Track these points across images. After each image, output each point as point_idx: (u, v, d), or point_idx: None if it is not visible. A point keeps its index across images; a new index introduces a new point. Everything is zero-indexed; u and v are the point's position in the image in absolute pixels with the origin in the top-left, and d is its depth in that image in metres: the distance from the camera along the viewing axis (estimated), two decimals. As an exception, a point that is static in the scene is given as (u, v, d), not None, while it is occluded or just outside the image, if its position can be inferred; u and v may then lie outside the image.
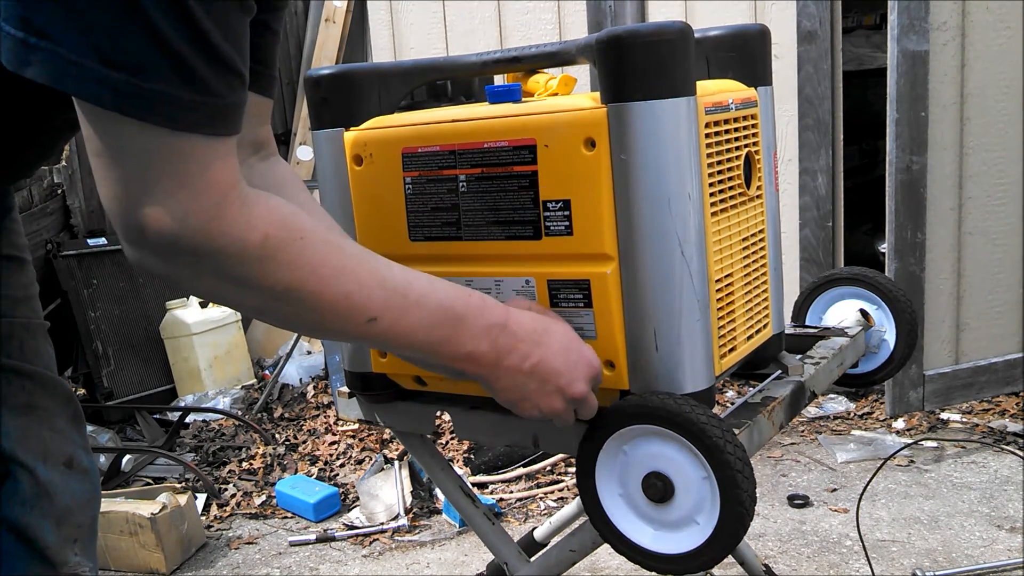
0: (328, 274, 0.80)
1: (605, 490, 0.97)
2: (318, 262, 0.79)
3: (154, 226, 0.72)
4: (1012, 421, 2.89)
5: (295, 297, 0.79)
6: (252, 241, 0.75)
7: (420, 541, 2.48)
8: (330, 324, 0.83)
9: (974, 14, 2.82)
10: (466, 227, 1.06)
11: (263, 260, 0.76)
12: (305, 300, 0.79)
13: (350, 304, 0.81)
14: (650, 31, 0.92)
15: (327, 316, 0.81)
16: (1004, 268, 3.01)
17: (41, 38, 0.67)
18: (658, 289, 0.96)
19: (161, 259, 0.75)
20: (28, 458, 1.15)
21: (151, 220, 0.72)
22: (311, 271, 0.79)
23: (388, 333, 0.85)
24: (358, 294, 0.82)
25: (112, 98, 0.68)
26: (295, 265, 0.78)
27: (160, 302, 3.66)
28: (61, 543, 1.16)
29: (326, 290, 0.80)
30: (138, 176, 0.71)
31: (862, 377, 1.41)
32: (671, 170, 0.94)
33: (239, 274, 0.76)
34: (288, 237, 0.77)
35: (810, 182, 3.04)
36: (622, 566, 2.20)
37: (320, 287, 0.79)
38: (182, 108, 0.70)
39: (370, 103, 1.12)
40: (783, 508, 2.50)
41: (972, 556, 2.18)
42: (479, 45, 3.37)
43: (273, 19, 1.02)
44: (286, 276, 0.77)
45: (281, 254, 0.77)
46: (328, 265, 0.80)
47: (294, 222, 0.79)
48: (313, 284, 0.79)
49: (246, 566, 2.44)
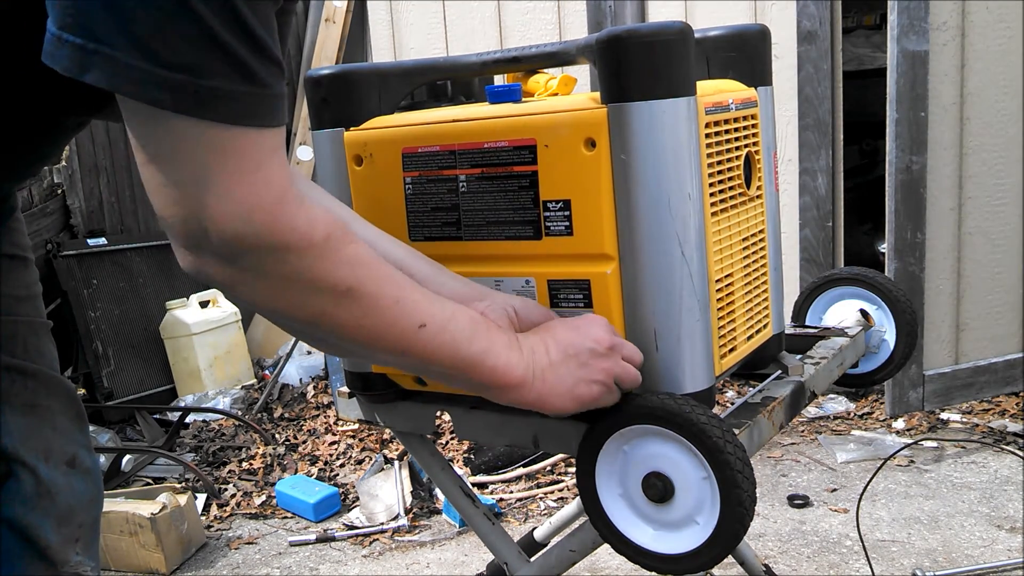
0: (383, 275, 0.81)
1: (605, 490, 0.97)
2: (372, 263, 0.81)
3: (219, 225, 0.72)
4: (1012, 421, 2.89)
5: (356, 297, 0.79)
6: (316, 238, 0.76)
7: (420, 541, 2.48)
8: (386, 332, 0.83)
9: (974, 14, 2.82)
10: (466, 227, 1.06)
11: (325, 257, 0.77)
12: (366, 300, 0.80)
13: (402, 309, 0.82)
14: (650, 31, 0.92)
15: (384, 320, 0.82)
16: (1004, 268, 3.01)
17: (99, 43, 0.67)
18: (658, 289, 0.96)
19: (225, 262, 0.74)
20: (30, 457, 1.15)
21: (216, 219, 0.72)
22: (368, 271, 0.80)
23: (431, 343, 0.85)
24: (407, 298, 0.83)
25: (172, 98, 0.68)
26: (356, 264, 0.79)
27: (160, 302, 3.66)
28: (63, 543, 1.16)
29: (383, 292, 0.81)
30: (198, 177, 0.71)
31: (862, 377, 1.41)
32: (671, 170, 0.94)
33: (303, 272, 0.77)
34: (346, 237, 0.79)
35: (810, 182, 3.04)
36: (622, 566, 2.20)
37: (378, 288, 0.80)
38: (239, 102, 0.70)
39: (370, 103, 1.12)
40: (783, 508, 2.50)
41: (972, 556, 2.18)
42: (479, 45, 3.37)
43: (288, 4, 1.02)
44: (348, 274, 0.78)
45: (343, 252, 0.78)
46: (380, 267, 0.82)
47: (349, 223, 0.81)
48: (372, 285, 0.80)
49: (246, 566, 2.44)
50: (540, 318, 0.98)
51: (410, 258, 1.01)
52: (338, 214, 0.80)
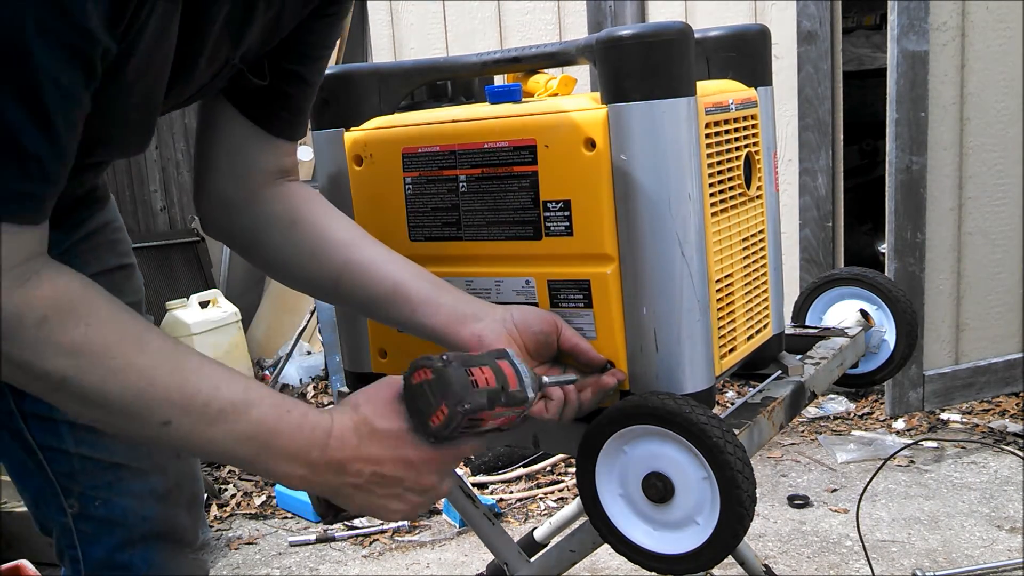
0: (115, 367, 0.74)
1: (605, 490, 0.97)
2: (104, 352, 0.73)
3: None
4: (1012, 421, 2.89)
5: (74, 389, 0.73)
6: (28, 322, 0.70)
7: (420, 541, 2.48)
8: (116, 423, 0.77)
9: (974, 14, 2.82)
10: (466, 227, 1.06)
11: (39, 343, 0.71)
12: (87, 394, 0.73)
13: (141, 404, 0.75)
14: (650, 31, 0.92)
15: (113, 414, 0.75)
16: (1004, 268, 3.01)
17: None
18: (658, 289, 0.96)
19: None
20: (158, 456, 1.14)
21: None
22: (94, 361, 0.73)
23: (186, 441, 0.78)
24: (151, 393, 0.75)
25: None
26: (76, 353, 0.72)
27: (160, 302, 3.66)
28: (193, 524, 1.16)
29: (111, 385, 0.74)
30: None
31: (862, 377, 1.41)
32: (671, 170, 0.94)
33: (12, 355, 0.71)
34: (70, 322, 0.72)
35: (810, 182, 3.04)
36: (622, 566, 2.20)
37: (104, 381, 0.73)
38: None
39: (370, 103, 1.12)
40: (783, 508, 2.50)
41: (972, 556, 2.18)
42: (479, 45, 3.37)
43: (309, 71, 1.00)
44: (64, 364, 0.72)
45: (59, 338, 0.71)
46: (118, 357, 0.74)
47: (83, 307, 0.73)
48: (96, 376, 0.73)
49: (246, 566, 2.44)
50: (540, 326, 0.98)
51: (412, 279, 0.99)
52: (76, 298, 0.73)
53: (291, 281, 1.06)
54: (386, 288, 0.99)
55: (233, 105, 0.99)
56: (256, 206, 1.02)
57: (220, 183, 1.02)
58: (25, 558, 2.16)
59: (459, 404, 0.79)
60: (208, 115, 1.01)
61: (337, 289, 1.02)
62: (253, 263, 1.08)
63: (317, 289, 1.06)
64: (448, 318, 0.97)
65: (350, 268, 1.00)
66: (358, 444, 0.82)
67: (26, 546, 2.28)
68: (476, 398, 0.80)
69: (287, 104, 1.00)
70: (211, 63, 0.88)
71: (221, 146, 1.01)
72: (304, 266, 1.02)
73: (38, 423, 1.05)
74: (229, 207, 1.02)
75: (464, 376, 0.80)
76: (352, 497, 0.84)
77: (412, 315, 0.99)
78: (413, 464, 0.83)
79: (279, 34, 0.94)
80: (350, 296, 1.02)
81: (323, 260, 1.01)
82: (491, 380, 0.81)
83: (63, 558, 1.14)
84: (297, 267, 1.03)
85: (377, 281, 1.00)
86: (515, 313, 0.98)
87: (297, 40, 0.97)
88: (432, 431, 0.81)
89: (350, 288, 1.01)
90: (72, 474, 1.07)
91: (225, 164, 1.01)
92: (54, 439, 1.06)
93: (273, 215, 1.02)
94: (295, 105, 1.01)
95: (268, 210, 1.02)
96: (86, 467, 1.08)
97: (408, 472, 0.84)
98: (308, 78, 1.01)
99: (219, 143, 1.01)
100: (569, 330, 1.00)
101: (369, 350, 1.17)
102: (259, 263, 1.07)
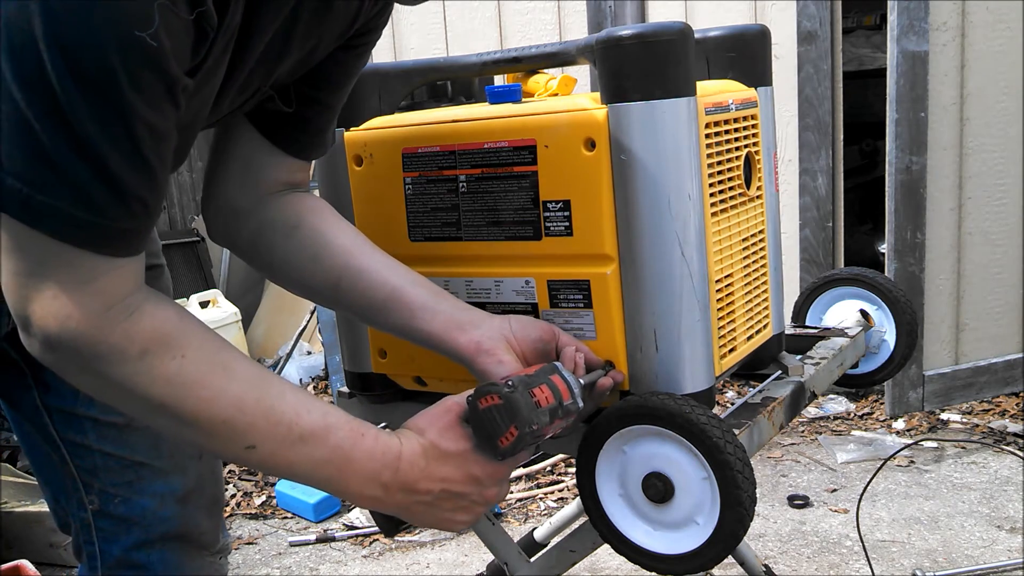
0: (207, 396, 0.80)
1: (605, 490, 0.97)
2: (197, 383, 0.79)
3: (38, 323, 0.75)
4: (1012, 421, 2.90)
5: (171, 413, 0.79)
6: (131, 353, 0.76)
7: (420, 541, 2.48)
8: (207, 444, 0.83)
9: (974, 14, 2.82)
10: (466, 227, 1.06)
11: (140, 374, 0.77)
12: (182, 418, 0.80)
13: (229, 429, 0.81)
14: (650, 31, 0.92)
15: (203, 436, 0.82)
16: (1004, 268, 3.01)
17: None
18: (658, 289, 0.96)
19: (47, 351, 0.76)
20: (180, 457, 1.16)
21: (36, 317, 0.74)
22: (188, 391, 0.79)
23: (268, 463, 0.84)
24: (238, 420, 0.81)
25: (9, 203, 0.71)
26: (173, 383, 0.78)
27: (160, 302, 3.66)
28: (213, 528, 1.19)
29: (203, 412, 0.80)
30: (29, 274, 0.74)
31: (862, 377, 1.41)
32: (671, 171, 0.94)
33: (117, 380, 0.77)
34: (167, 355, 0.78)
35: (810, 182, 3.04)
36: (622, 566, 2.20)
37: (197, 408, 0.79)
38: (71, 225, 0.72)
39: (370, 103, 1.12)
40: (783, 508, 2.50)
41: (972, 556, 2.18)
42: (479, 45, 3.37)
43: (331, 97, 1.02)
44: (161, 392, 0.78)
45: (158, 370, 0.78)
46: (209, 387, 0.80)
47: (179, 340, 0.79)
48: (190, 404, 0.79)
49: (246, 566, 2.45)
50: (538, 334, 0.98)
51: (410, 285, 1.00)
52: (172, 330, 0.79)
53: (291, 285, 1.06)
54: (384, 293, 0.99)
55: (252, 124, 1.00)
56: (261, 212, 1.03)
57: (231, 194, 1.03)
58: (25, 558, 2.16)
59: (527, 426, 0.86)
60: (225, 130, 1.02)
61: (336, 294, 1.02)
62: (255, 266, 1.09)
63: (316, 293, 1.06)
64: (446, 324, 0.98)
65: (349, 273, 1.01)
66: (426, 466, 0.88)
67: (26, 546, 2.28)
68: (541, 418, 0.87)
69: (306, 128, 1.01)
70: (243, 91, 0.90)
71: (236, 161, 1.02)
72: (304, 270, 1.03)
73: (62, 417, 1.09)
74: (237, 215, 1.03)
75: (529, 399, 0.87)
76: (421, 514, 0.91)
77: (410, 321, 0.99)
78: (479, 479, 0.90)
79: (309, 66, 0.95)
80: (349, 301, 1.02)
81: (323, 265, 1.01)
82: (550, 397, 0.88)
83: (81, 554, 1.15)
84: (297, 271, 1.03)
85: (376, 286, 1.00)
86: (513, 322, 0.98)
87: (323, 69, 0.98)
88: (501, 451, 0.87)
89: (349, 293, 1.01)
90: (94, 470, 1.11)
91: (238, 178, 1.02)
92: (77, 434, 1.10)
93: (277, 220, 1.02)
94: (314, 128, 1.02)
95: (273, 215, 1.02)
96: (108, 464, 1.11)
97: (474, 487, 0.90)
98: (330, 103, 1.02)
99: (234, 158, 1.02)
100: (567, 337, 1.00)
101: (369, 350, 1.17)
102: (261, 266, 1.07)
